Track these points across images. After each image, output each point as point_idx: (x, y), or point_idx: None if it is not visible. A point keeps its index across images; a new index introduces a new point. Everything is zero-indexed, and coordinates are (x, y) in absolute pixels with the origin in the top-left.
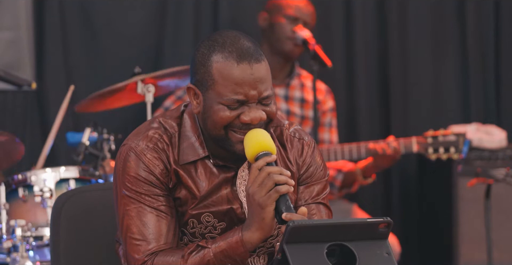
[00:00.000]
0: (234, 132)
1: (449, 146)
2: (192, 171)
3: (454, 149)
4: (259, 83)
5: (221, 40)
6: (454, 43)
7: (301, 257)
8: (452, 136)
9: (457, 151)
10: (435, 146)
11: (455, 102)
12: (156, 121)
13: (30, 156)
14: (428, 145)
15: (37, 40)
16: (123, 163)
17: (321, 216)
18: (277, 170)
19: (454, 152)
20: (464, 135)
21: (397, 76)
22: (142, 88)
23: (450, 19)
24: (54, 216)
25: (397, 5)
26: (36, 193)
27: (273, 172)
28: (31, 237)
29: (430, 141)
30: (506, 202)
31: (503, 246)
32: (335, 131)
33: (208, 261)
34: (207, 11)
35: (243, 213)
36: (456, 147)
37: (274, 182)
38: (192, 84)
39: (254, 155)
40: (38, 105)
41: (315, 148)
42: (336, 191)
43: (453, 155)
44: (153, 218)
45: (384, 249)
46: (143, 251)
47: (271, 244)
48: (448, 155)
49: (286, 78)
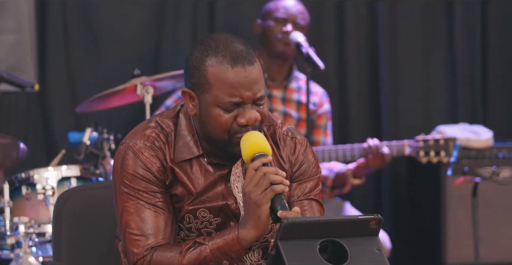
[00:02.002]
0: (236, 137)
1: (440, 150)
2: (187, 168)
3: (445, 153)
4: (254, 84)
5: (214, 44)
6: (442, 48)
7: (295, 253)
8: (442, 140)
9: (447, 155)
10: (426, 149)
11: (444, 103)
12: (153, 121)
13: (33, 156)
14: (419, 148)
15: (40, 43)
16: (121, 161)
17: (313, 212)
18: (273, 170)
19: (444, 156)
20: (454, 140)
21: (388, 79)
22: (141, 89)
23: (439, 24)
24: (56, 213)
25: (388, 11)
26: (38, 191)
27: (269, 172)
28: (34, 233)
29: (422, 144)
30: (493, 200)
31: (489, 243)
32: (330, 134)
33: (205, 257)
34: (204, 14)
35: (238, 208)
36: (446, 151)
37: (270, 181)
38: (187, 88)
39: (250, 156)
40: (40, 106)
41: (307, 146)
42: (328, 190)
43: (443, 158)
44: (151, 214)
45: (375, 245)
46: (142, 246)
47: (265, 239)
48: (438, 158)
49: (284, 80)
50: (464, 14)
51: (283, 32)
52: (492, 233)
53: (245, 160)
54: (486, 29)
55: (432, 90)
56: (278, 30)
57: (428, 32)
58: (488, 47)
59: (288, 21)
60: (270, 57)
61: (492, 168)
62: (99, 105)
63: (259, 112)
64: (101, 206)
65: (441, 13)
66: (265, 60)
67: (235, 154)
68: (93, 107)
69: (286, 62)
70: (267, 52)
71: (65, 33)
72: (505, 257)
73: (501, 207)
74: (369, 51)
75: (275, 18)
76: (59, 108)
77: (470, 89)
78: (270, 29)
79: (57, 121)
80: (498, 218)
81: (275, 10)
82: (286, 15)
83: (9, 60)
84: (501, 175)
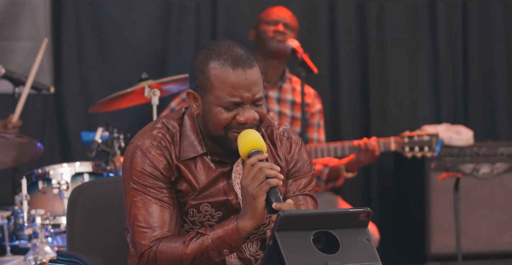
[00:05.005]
0: (232, 132)
1: (424, 146)
2: (192, 166)
3: (428, 148)
4: (253, 86)
5: (216, 49)
6: (426, 53)
7: (290, 243)
8: (426, 136)
9: (430, 150)
10: (411, 145)
11: (428, 105)
12: (160, 122)
13: (48, 153)
14: (404, 144)
15: (55, 49)
16: (130, 159)
17: (307, 206)
18: (268, 165)
19: (428, 151)
20: (437, 136)
21: (376, 82)
22: (148, 92)
23: (423, 30)
24: (70, 206)
25: (376, 19)
26: (54, 186)
27: (264, 167)
28: (49, 225)
29: (407, 140)
30: (473, 194)
31: (470, 233)
32: (322, 131)
33: (206, 246)
34: (207, 22)
35: (238, 203)
36: (429, 146)
37: (265, 175)
38: (191, 89)
39: (247, 152)
40: (55, 108)
41: (302, 145)
42: (323, 184)
43: (427, 153)
44: (158, 208)
45: (364, 236)
46: (148, 238)
47: (263, 231)
48: (422, 153)
49: (278, 81)
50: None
51: (275, 31)
52: (472, 224)
53: (242, 156)
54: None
55: (417, 94)
56: (270, 30)
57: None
58: (469, 54)
59: (279, 22)
60: (264, 59)
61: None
62: (110, 106)
63: (258, 112)
64: (111, 199)
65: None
66: (260, 63)
67: (232, 149)
68: (104, 108)
69: (281, 63)
70: (262, 54)
71: (79, 40)
72: (484, 247)
73: (480, 200)
74: (359, 57)
75: (267, 22)
76: (73, 109)
77: (452, 92)
78: (263, 31)
79: (71, 121)
80: (478, 211)
81: (265, 15)
82: (276, 17)
83: (27, 64)
84: (481, 171)
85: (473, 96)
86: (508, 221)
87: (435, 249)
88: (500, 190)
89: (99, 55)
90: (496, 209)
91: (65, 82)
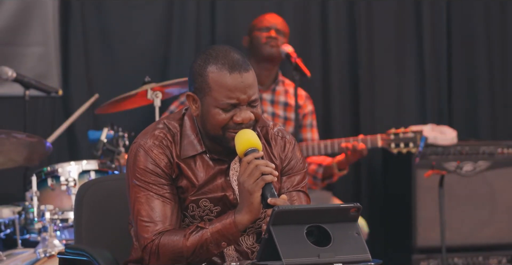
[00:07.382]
0: (229, 132)
1: (408, 142)
2: (191, 164)
3: (413, 144)
4: (248, 88)
5: (214, 54)
6: (413, 57)
7: (285, 237)
8: (410, 133)
9: (415, 146)
10: (396, 141)
11: (414, 106)
12: (161, 122)
13: (57, 152)
14: (390, 141)
15: (64, 54)
16: (133, 157)
17: (300, 202)
18: (263, 162)
19: (412, 147)
20: (421, 132)
21: (365, 84)
22: (151, 94)
23: (410, 36)
24: (77, 202)
25: (365, 25)
26: (62, 183)
27: (260, 164)
28: (58, 219)
29: (392, 137)
30: (457, 190)
31: (453, 227)
32: (316, 130)
33: (205, 239)
34: (206, 28)
35: (235, 199)
36: (414, 142)
37: (261, 172)
38: (191, 91)
39: (243, 150)
40: (63, 109)
41: (295, 145)
42: (319, 182)
43: (411, 149)
44: (160, 203)
45: (355, 230)
46: (151, 231)
47: (259, 225)
48: (407, 149)
49: (271, 84)
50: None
51: (268, 37)
52: (456, 219)
53: (238, 154)
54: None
55: (404, 96)
56: (262, 36)
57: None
58: (453, 57)
59: (271, 28)
60: (258, 63)
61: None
62: (115, 108)
63: (253, 112)
64: (116, 196)
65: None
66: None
67: (229, 148)
68: (109, 109)
69: (273, 66)
70: (256, 58)
71: (85, 45)
72: (466, 240)
73: (464, 196)
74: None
75: (259, 28)
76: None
77: (437, 94)
78: (256, 37)
79: (78, 122)
80: (461, 206)
81: (258, 22)
82: (268, 23)
83: (37, 69)
84: (464, 169)
85: (457, 98)
86: (489, 215)
87: (421, 242)
88: (482, 186)
89: (105, 60)
90: (478, 204)
91: (73, 85)
